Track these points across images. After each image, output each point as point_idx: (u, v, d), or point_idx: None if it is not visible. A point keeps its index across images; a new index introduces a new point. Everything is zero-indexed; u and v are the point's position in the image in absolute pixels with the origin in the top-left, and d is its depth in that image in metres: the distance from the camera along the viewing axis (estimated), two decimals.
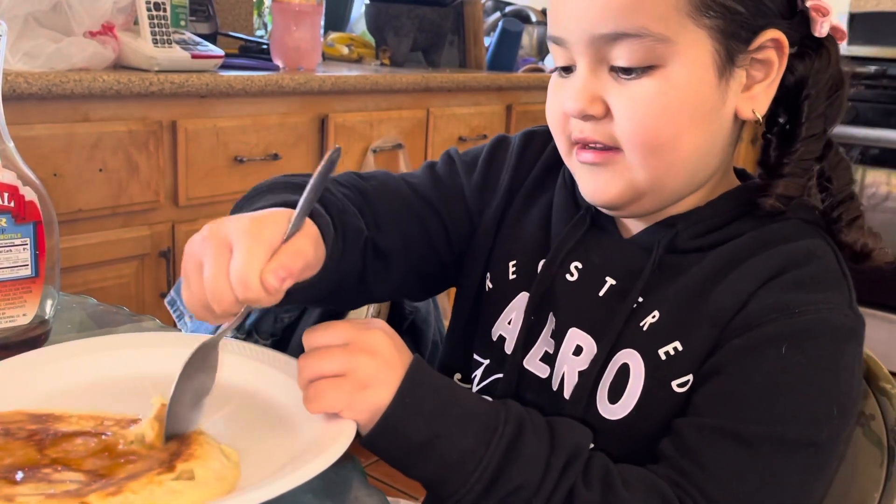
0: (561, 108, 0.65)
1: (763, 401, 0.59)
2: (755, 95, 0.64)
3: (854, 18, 3.16)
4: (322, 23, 2.07)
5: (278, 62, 1.97)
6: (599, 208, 0.69)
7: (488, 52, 2.68)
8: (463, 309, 0.79)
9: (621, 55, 0.60)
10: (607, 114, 0.62)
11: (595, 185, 0.66)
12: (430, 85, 2.17)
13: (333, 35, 2.54)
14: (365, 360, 0.57)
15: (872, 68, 2.89)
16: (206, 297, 0.54)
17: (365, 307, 1.40)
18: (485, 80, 2.38)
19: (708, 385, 0.61)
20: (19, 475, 0.53)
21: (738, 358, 0.60)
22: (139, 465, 0.55)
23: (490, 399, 0.62)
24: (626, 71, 0.61)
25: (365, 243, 0.70)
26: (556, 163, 0.74)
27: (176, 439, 0.57)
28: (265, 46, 2.09)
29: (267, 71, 1.87)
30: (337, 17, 2.74)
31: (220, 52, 1.75)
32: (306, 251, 0.56)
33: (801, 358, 0.59)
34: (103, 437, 0.58)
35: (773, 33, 0.62)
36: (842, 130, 0.69)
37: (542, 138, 0.78)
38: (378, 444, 0.58)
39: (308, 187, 0.56)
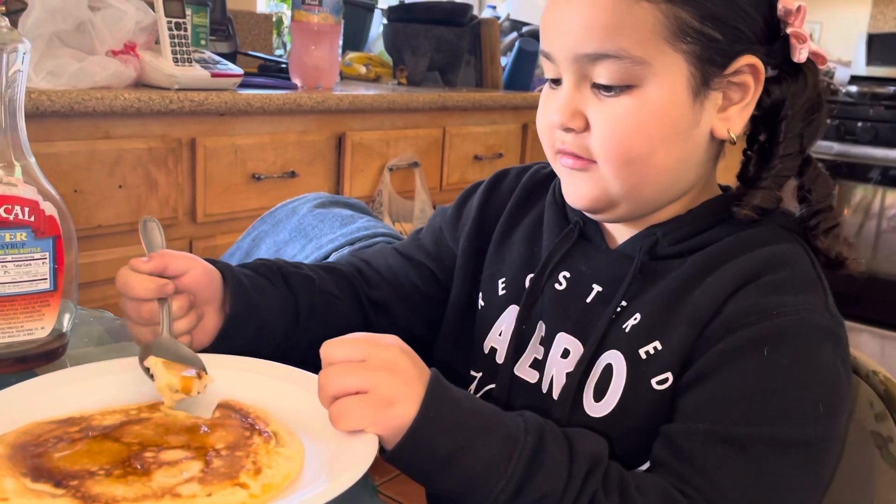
0: (548, 119, 0.69)
1: (750, 403, 0.60)
2: (730, 117, 0.67)
3: (872, 39, 3.15)
4: (340, 42, 2.09)
5: (297, 81, 1.99)
6: (581, 211, 0.73)
7: (505, 71, 2.69)
8: (451, 329, 0.83)
9: (602, 74, 0.64)
10: (587, 127, 0.66)
11: (575, 189, 0.70)
12: (446, 104, 2.19)
13: (351, 55, 2.56)
14: (386, 377, 0.57)
15: (892, 89, 2.87)
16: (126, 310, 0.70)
17: None
18: (501, 99, 2.39)
19: (695, 391, 0.63)
20: (138, 465, 0.53)
21: (721, 362, 0.62)
22: (227, 434, 0.58)
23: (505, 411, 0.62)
24: (607, 88, 0.64)
25: (359, 298, 0.83)
26: (536, 187, 0.81)
27: (220, 407, 0.62)
28: (284, 65, 2.11)
29: (285, 89, 1.89)
30: (355, 37, 2.76)
31: (240, 70, 1.78)
32: (182, 258, 0.70)
33: (783, 359, 0.60)
34: (148, 420, 0.59)
35: (749, 59, 0.65)
36: (861, 151, 0.69)
37: (515, 171, 0.86)
38: (403, 458, 0.58)
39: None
